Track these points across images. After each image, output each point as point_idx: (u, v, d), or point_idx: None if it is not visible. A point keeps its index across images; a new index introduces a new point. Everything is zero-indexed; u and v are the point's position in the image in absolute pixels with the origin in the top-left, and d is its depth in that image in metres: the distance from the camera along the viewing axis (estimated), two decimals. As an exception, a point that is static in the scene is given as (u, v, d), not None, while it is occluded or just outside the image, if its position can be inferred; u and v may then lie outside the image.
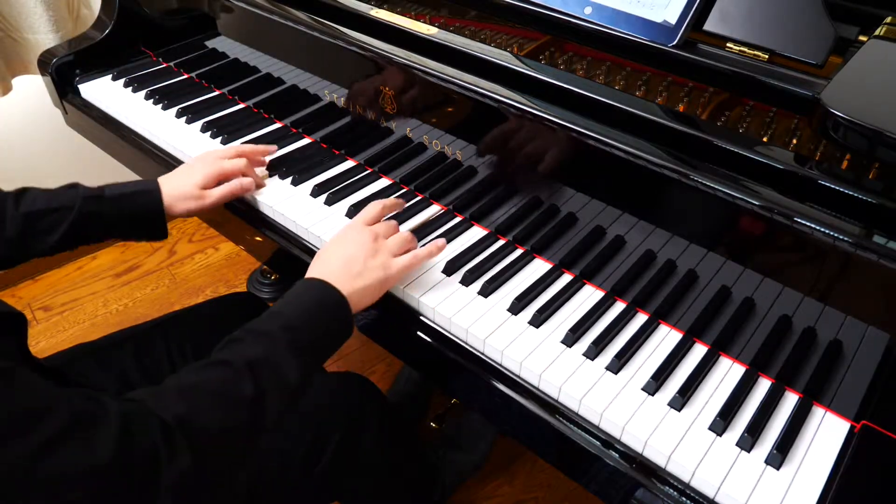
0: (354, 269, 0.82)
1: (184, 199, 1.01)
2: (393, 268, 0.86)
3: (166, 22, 1.42)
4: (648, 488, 0.73)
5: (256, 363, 0.70)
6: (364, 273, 0.83)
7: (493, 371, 0.84)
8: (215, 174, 1.04)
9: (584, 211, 0.90)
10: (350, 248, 0.85)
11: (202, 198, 1.02)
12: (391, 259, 0.87)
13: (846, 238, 0.68)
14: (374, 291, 0.84)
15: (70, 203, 0.94)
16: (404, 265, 0.87)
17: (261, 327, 0.74)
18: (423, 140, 1.04)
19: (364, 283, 0.82)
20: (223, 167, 1.05)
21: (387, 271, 0.85)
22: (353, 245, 0.86)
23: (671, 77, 0.90)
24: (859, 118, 0.66)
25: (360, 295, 0.82)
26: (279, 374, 0.71)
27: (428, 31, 0.99)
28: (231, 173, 1.05)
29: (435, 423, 1.54)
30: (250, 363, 0.70)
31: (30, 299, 1.99)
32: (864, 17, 0.82)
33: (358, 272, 0.82)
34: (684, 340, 0.85)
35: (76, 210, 0.93)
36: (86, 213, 0.94)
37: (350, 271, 0.82)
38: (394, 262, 0.86)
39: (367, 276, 0.83)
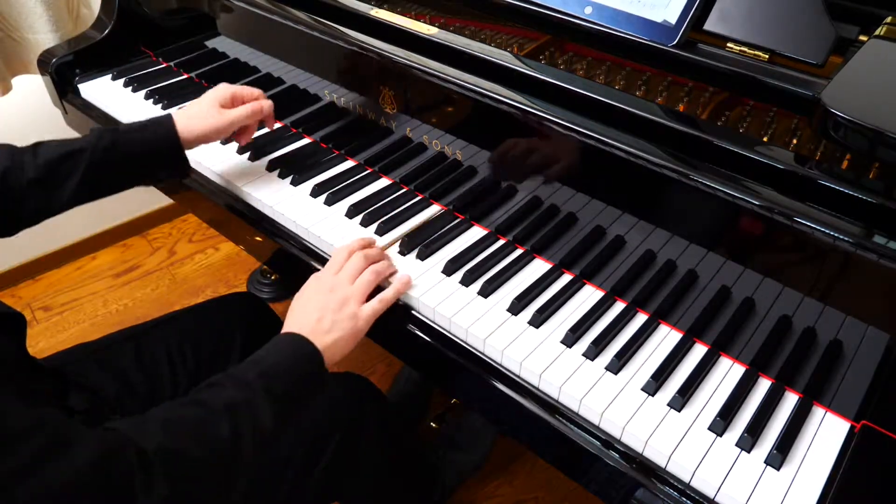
0: (324, 326, 0.83)
1: (200, 119, 1.01)
2: (361, 317, 0.86)
3: (166, 22, 1.42)
4: (648, 488, 0.73)
5: (234, 406, 0.71)
6: (333, 328, 0.83)
7: (493, 371, 0.84)
8: (230, 94, 1.04)
9: (584, 211, 0.90)
10: (319, 300, 0.86)
11: (221, 115, 1.02)
12: (359, 308, 0.86)
13: (846, 238, 0.68)
14: (346, 343, 0.85)
15: (86, 144, 0.94)
16: (372, 312, 0.87)
17: (240, 374, 0.76)
18: (423, 140, 1.04)
19: (335, 336, 0.83)
20: (239, 90, 1.05)
21: (355, 322, 0.85)
22: (321, 297, 0.86)
23: (671, 77, 0.90)
24: (859, 118, 0.66)
25: (333, 348, 0.83)
26: (255, 418, 0.72)
27: (428, 31, 0.99)
28: (247, 97, 1.06)
29: (435, 423, 1.54)
30: (228, 406, 0.71)
31: (30, 299, 1.99)
32: (864, 17, 0.82)
33: (327, 328, 0.83)
34: (684, 340, 0.85)
35: (91, 147, 0.94)
36: (101, 147, 0.94)
37: (321, 328, 0.83)
38: (362, 311, 0.86)
39: (337, 329, 0.84)
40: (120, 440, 0.63)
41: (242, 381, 0.74)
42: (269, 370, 0.76)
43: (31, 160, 0.92)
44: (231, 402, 0.71)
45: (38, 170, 0.92)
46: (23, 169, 0.91)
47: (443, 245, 0.98)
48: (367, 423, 1.04)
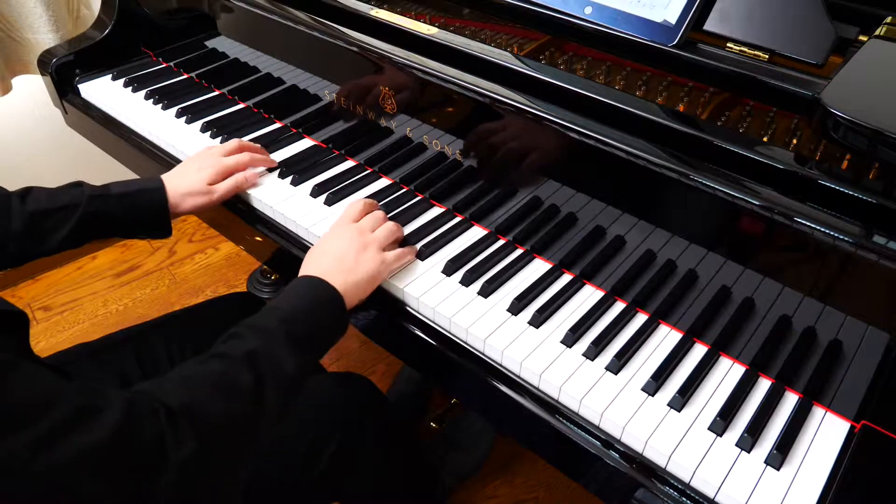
0: (346, 265, 0.84)
1: (191, 196, 1.02)
2: (383, 261, 0.87)
3: (166, 22, 1.42)
4: (648, 488, 0.73)
5: (254, 355, 0.71)
6: (356, 268, 0.84)
7: (493, 371, 0.84)
8: (222, 171, 1.05)
9: (584, 211, 0.90)
10: (340, 244, 0.87)
11: (210, 193, 1.03)
12: (380, 253, 0.89)
13: (846, 238, 0.68)
14: (367, 285, 0.86)
15: (75, 201, 0.94)
16: (395, 257, 0.90)
17: (258, 322, 0.75)
18: (423, 140, 1.04)
19: (356, 277, 0.84)
20: (227, 164, 1.06)
21: (377, 264, 0.87)
22: (342, 241, 0.88)
23: (671, 77, 0.90)
24: (859, 118, 0.66)
25: (353, 289, 0.83)
26: (277, 366, 0.72)
27: (428, 31, 0.99)
28: (235, 169, 1.07)
29: (435, 423, 1.54)
30: (248, 355, 0.71)
31: (30, 299, 1.99)
32: (864, 17, 0.82)
33: (350, 268, 0.84)
34: (684, 340, 0.85)
35: (81, 209, 0.94)
36: (91, 211, 0.95)
37: (342, 267, 0.84)
38: (384, 256, 0.89)
39: (360, 270, 0.85)
40: (147, 401, 0.63)
41: (262, 329, 0.74)
42: (289, 315, 0.77)
43: (19, 208, 0.92)
44: (251, 351, 0.71)
45: (24, 220, 0.92)
46: (9, 218, 0.91)
47: (443, 245, 0.98)
48: (366, 423, 1.04)
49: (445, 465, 1.44)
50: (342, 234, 0.89)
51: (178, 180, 1.02)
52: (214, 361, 0.71)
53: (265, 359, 0.72)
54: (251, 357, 0.71)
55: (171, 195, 1.00)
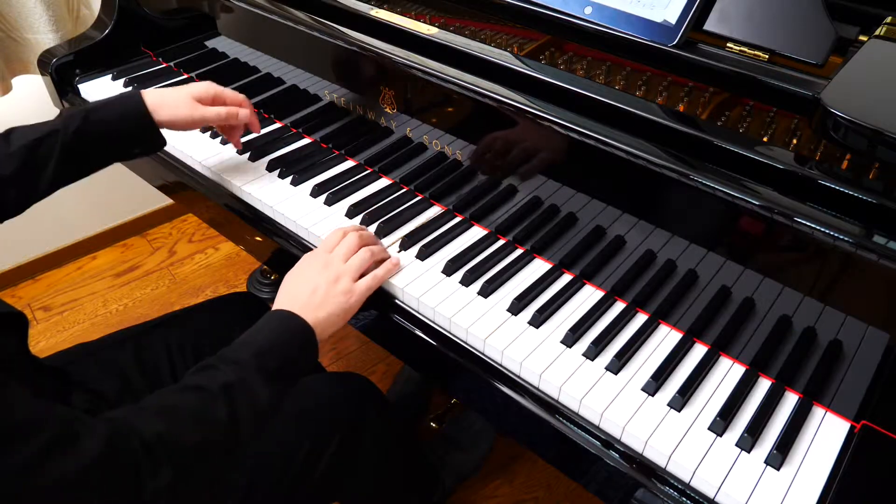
0: (317, 300, 0.84)
1: (173, 106, 1.00)
2: (355, 292, 0.87)
3: (166, 22, 1.42)
4: (648, 488, 0.73)
5: (229, 387, 0.72)
6: (327, 302, 0.84)
7: (493, 371, 0.84)
8: (212, 93, 1.04)
9: (584, 211, 0.90)
10: (311, 277, 0.87)
11: (193, 108, 1.01)
12: (352, 284, 0.87)
13: (846, 238, 0.68)
14: (339, 318, 0.86)
15: (55, 126, 0.93)
16: (365, 288, 0.88)
17: (232, 355, 0.76)
18: (423, 140, 1.04)
19: (327, 311, 0.84)
20: (222, 91, 1.05)
21: (348, 297, 0.86)
22: (313, 274, 0.87)
23: (671, 77, 0.90)
24: (859, 118, 0.66)
25: (324, 323, 0.84)
26: (251, 398, 0.73)
27: (428, 31, 0.99)
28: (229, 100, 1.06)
29: (435, 423, 1.54)
30: (224, 387, 0.72)
31: (30, 299, 1.99)
32: (864, 17, 0.82)
33: (321, 302, 0.84)
34: (684, 340, 0.85)
35: (62, 131, 0.93)
36: (73, 130, 0.94)
37: (313, 301, 0.84)
38: (356, 287, 0.87)
39: (330, 303, 0.85)
40: (124, 430, 0.64)
41: (236, 362, 0.75)
42: (261, 349, 0.77)
43: (4, 150, 0.91)
44: (226, 384, 0.72)
45: (14, 161, 0.91)
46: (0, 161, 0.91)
47: (443, 245, 0.98)
48: (367, 424, 1.04)
49: (445, 465, 1.44)
50: (314, 265, 0.88)
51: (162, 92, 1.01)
52: (191, 392, 0.72)
53: (240, 392, 0.73)
54: (226, 390, 0.72)
55: (151, 101, 0.99)
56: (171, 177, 1.25)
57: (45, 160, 0.93)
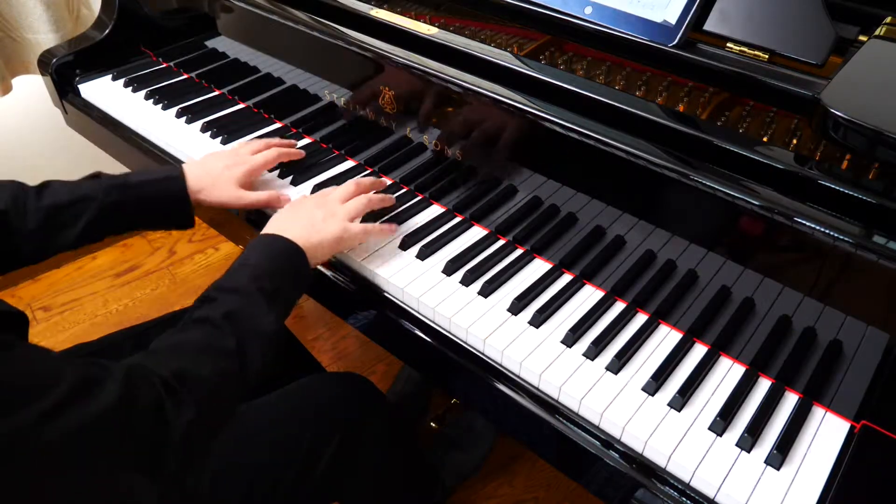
0: (308, 226, 0.85)
1: (217, 190, 0.99)
2: (350, 228, 0.88)
3: (166, 22, 1.42)
4: (648, 488, 0.73)
5: (233, 315, 0.73)
6: (320, 230, 0.86)
7: (493, 371, 0.84)
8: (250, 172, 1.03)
9: (584, 211, 0.90)
10: (304, 209, 0.88)
11: (238, 196, 1.01)
12: (347, 222, 0.89)
13: (846, 238, 0.68)
14: (330, 246, 0.87)
15: (93, 193, 0.92)
16: (360, 230, 0.90)
17: (230, 283, 0.77)
18: (423, 140, 1.04)
19: (319, 238, 0.85)
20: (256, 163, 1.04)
21: (341, 230, 0.88)
22: (307, 206, 0.89)
23: (671, 77, 0.90)
24: (859, 118, 0.66)
25: (314, 249, 0.85)
26: (256, 324, 0.75)
27: (428, 31, 0.99)
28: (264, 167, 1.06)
29: (435, 423, 1.54)
30: (227, 316, 0.73)
31: (30, 299, 1.99)
32: (864, 17, 0.82)
33: (314, 229, 0.85)
34: (684, 340, 0.85)
35: (99, 200, 0.92)
36: (109, 203, 0.93)
37: (303, 227, 0.85)
38: (351, 225, 0.89)
39: (323, 231, 0.86)
40: (144, 371, 0.65)
41: (234, 290, 0.76)
42: (256, 272, 0.78)
43: (35, 205, 0.90)
44: (230, 312, 0.73)
45: (40, 217, 0.89)
46: (24, 216, 0.89)
47: (443, 245, 0.98)
48: (366, 424, 1.04)
49: (445, 465, 1.44)
50: (310, 201, 0.90)
51: (202, 171, 1.00)
52: (197, 327, 0.73)
53: (244, 318, 0.74)
54: (231, 318, 0.73)
55: (194, 184, 0.98)
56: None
57: (72, 223, 0.91)
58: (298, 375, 1.05)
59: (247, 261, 0.80)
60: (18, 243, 0.90)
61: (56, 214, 0.91)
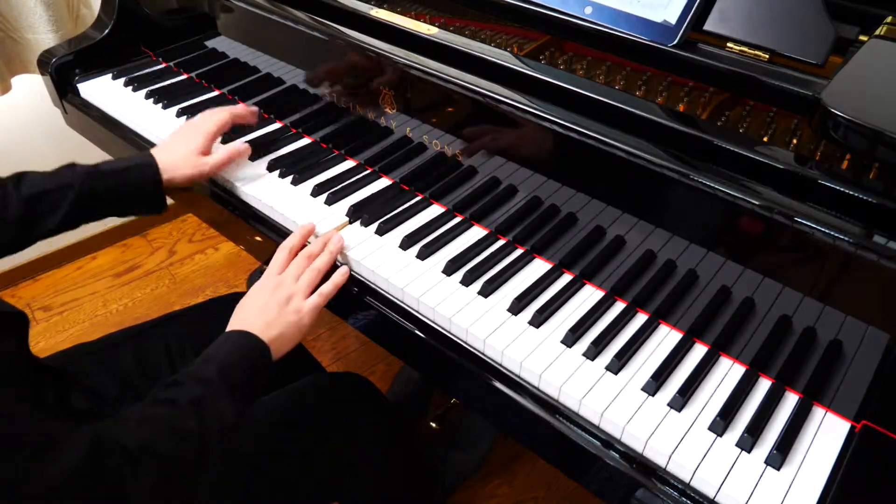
0: (269, 319, 0.86)
1: (185, 167, 1.03)
2: (304, 310, 0.89)
3: (166, 22, 1.42)
4: (649, 488, 0.73)
5: (198, 401, 0.75)
6: (279, 321, 0.87)
7: (493, 371, 0.84)
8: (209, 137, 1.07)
9: (584, 211, 0.90)
10: (263, 298, 0.89)
11: (202, 165, 1.05)
12: (303, 302, 0.89)
13: (846, 238, 0.68)
14: (292, 337, 0.88)
15: (70, 182, 0.95)
16: (314, 305, 0.90)
17: (198, 372, 0.79)
18: (423, 140, 1.04)
19: (279, 330, 0.86)
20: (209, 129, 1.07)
21: (299, 315, 0.88)
22: (265, 295, 0.89)
23: (671, 77, 0.90)
24: (859, 118, 0.66)
25: (278, 342, 0.86)
26: (218, 412, 0.76)
27: (428, 31, 0.99)
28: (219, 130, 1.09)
29: (435, 423, 1.54)
30: (193, 402, 0.75)
31: (30, 299, 1.99)
32: (864, 17, 0.82)
33: (272, 321, 0.86)
34: (684, 340, 0.85)
35: (76, 189, 0.95)
36: (85, 190, 0.96)
37: (266, 322, 0.86)
38: (305, 305, 0.89)
39: (282, 322, 0.87)
40: (107, 438, 0.67)
41: (202, 378, 0.78)
42: (224, 365, 0.80)
43: (14, 195, 0.93)
44: (195, 399, 0.75)
45: (20, 207, 0.93)
46: (5, 207, 0.92)
47: (443, 245, 0.98)
48: (366, 424, 1.04)
49: (445, 464, 1.44)
50: (266, 288, 0.90)
51: (170, 152, 1.04)
52: (164, 406, 0.75)
53: (208, 406, 0.76)
54: (195, 404, 0.75)
55: (165, 167, 1.01)
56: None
57: (50, 212, 0.95)
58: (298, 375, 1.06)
59: (216, 354, 0.82)
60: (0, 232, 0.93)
61: (36, 204, 0.94)
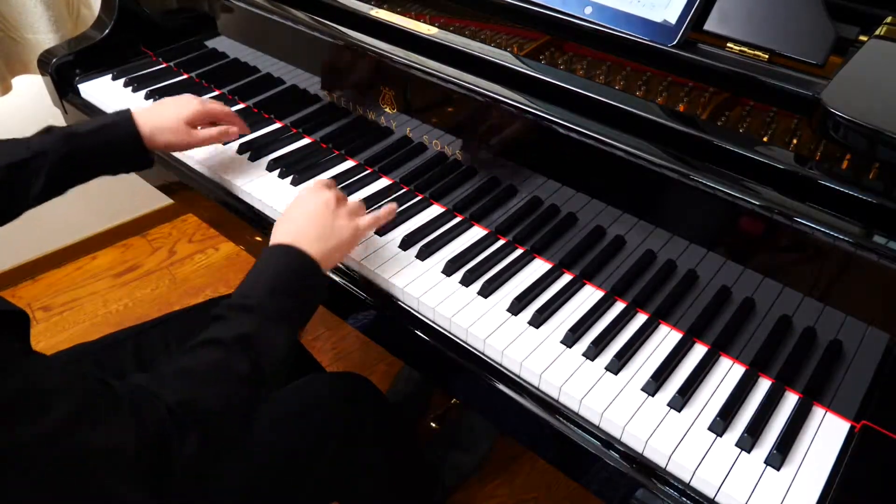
0: (322, 231, 0.84)
1: (167, 131, 1.02)
2: (361, 226, 0.88)
3: (166, 22, 1.42)
4: (648, 488, 0.73)
5: (246, 338, 0.72)
6: (332, 234, 0.84)
7: (493, 371, 0.84)
8: (204, 114, 1.06)
9: (584, 211, 0.90)
10: (315, 210, 0.86)
11: (188, 134, 1.03)
12: (353, 219, 0.89)
13: (846, 238, 0.68)
14: (340, 253, 0.86)
15: (46, 147, 0.93)
16: (368, 223, 0.89)
17: (243, 301, 0.75)
18: (423, 140, 1.04)
19: (333, 243, 0.84)
20: (212, 109, 1.07)
21: (351, 232, 0.87)
22: (317, 206, 0.87)
23: (671, 77, 0.90)
24: (859, 118, 0.66)
25: (329, 255, 0.84)
26: (269, 345, 0.73)
27: (428, 31, 0.99)
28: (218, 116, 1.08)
29: (435, 423, 1.54)
30: (241, 338, 0.71)
31: (30, 299, 1.99)
32: (864, 17, 0.82)
33: (326, 234, 0.84)
34: (684, 340, 0.85)
35: (55, 153, 0.93)
36: (64, 153, 0.94)
37: (318, 234, 0.83)
38: (358, 221, 0.88)
39: (336, 235, 0.85)
40: (150, 398, 0.63)
41: (248, 308, 0.74)
42: (271, 288, 0.77)
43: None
44: (243, 335, 0.72)
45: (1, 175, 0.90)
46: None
47: (443, 245, 0.98)
48: (366, 424, 1.04)
49: (445, 464, 1.44)
50: (317, 199, 0.88)
51: (154, 112, 1.03)
52: (208, 350, 0.71)
53: (258, 340, 0.72)
54: (244, 340, 0.71)
55: (145, 126, 1.00)
56: (170, 176, 1.25)
57: (33, 179, 0.92)
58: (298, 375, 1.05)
59: (262, 276, 0.78)
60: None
61: (16, 173, 0.92)
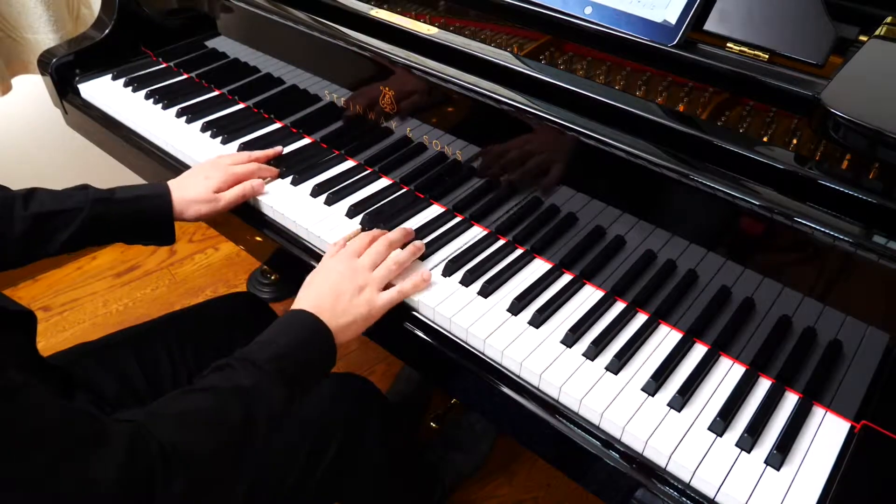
0: (340, 306, 0.84)
1: (196, 203, 1.01)
2: (377, 304, 0.86)
3: (166, 22, 1.42)
4: (648, 488, 0.73)
5: (246, 390, 0.72)
6: (349, 310, 0.84)
7: (493, 371, 0.84)
8: (229, 180, 1.05)
9: (584, 211, 0.90)
10: (337, 282, 0.86)
11: (216, 201, 1.02)
12: (377, 294, 0.87)
13: (846, 238, 0.68)
14: (358, 327, 0.85)
15: (79, 205, 0.94)
16: (388, 301, 0.87)
17: (251, 356, 0.75)
18: (423, 140, 1.04)
19: (348, 319, 0.84)
20: (235, 172, 1.05)
21: (370, 307, 0.86)
22: (340, 279, 0.86)
23: (671, 77, 0.90)
24: (859, 118, 0.66)
25: (344, 330, 0.83)
26: (267, 404, 0.73)
27: (428, 31, 0.99)
28: (242, 177, 1.06)
29: (435, 423, 1.54)
30: (240, 389, 0.72)
31: (30, 299, 1.99)
32: (864, 17, 0.82)
33: (343, 309, 0.84)
34: (684, 340, 0.85)
35: (85, 212, 0.94)
36: (95, 215, 0.94)
37: (337, 307, 0.83)
38: (379, 298, 0.87)
39: (352, 312, 0.84)
40: (144, 435, 0.64)
41: (254, 364, 0.74)
42: (280, 352, 0.76)
43: (21, 212, 0.91)
44: (243, 388, 0.72)
45: (26, 224, 0.91)
46: (11, 222, 0.91)
47: (443, 245, 0.98)
48: (367, 424, 1.04)
49: (445, 464, 1.44)
50: (341, 270, 0.87)
51: (185, 187, 1.02)
52: (206, 396, 0.71)
53: (256, 395, 0.72)
54: (242, 393, 0.72)
55: (178, 202, 1.00)
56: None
57: (57, 232, 0.93)
58: (298, 375, 1.05)
59: (275, 338, 0.78)
60: (2, 248, 0.91)
61: (42, 223, 0.92)
